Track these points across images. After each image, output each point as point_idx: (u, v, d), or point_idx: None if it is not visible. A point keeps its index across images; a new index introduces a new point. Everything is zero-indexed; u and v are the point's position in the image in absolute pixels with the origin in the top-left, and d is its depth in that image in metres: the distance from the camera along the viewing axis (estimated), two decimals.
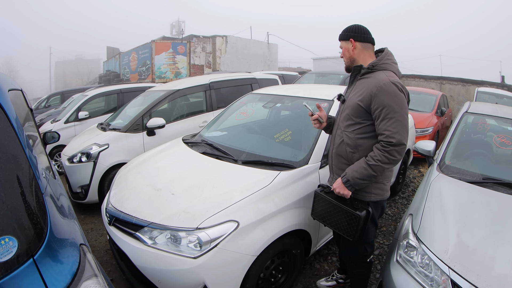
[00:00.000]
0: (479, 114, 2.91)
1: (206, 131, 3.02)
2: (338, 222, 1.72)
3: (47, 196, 1.16)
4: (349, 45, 1.76)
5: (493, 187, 1.99)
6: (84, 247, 1.13)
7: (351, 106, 1.73)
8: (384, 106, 1.58)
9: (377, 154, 1.59)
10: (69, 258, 0.98)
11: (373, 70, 1.69)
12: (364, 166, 1.61)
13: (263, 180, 1.96)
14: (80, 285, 0.91)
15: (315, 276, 2.48)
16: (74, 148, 3.90)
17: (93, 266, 1.06)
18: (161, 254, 1.71)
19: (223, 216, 1.72)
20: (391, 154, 1.57)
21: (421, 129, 5.71)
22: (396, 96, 1.58)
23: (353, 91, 1.77)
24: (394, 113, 1.56)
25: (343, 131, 1.78)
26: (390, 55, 1.75)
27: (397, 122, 1.56)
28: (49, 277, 0.86)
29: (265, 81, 5.36)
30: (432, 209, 1.84)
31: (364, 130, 1.70)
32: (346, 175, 1.66)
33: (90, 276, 0.98)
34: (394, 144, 1.55)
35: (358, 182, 1.63)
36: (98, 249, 3.01)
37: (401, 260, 1.66)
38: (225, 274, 1.68)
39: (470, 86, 11.70)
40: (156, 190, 2.06)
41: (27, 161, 1.11)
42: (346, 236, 1.71)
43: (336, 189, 1.70)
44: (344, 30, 1.79)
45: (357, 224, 1.63)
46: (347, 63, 1.81)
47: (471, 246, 1.54)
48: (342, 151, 1.78)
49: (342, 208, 1.68)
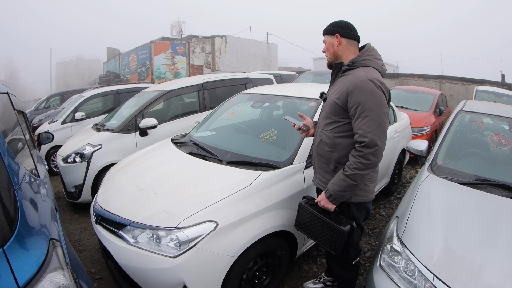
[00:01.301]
0: (474, 112, 2.79)
1: (195, 131, 3.02)
2: (322, 235, 1.68)
3: (20, 192, 1.21)
4: (334, 40, 1.72)
5: (486, 189, 1.90)
6: (54, 242, 1.17)
7: (329, 104, 1.71)
8: (359, 104, 1.53)
9: (352, 162, 1.54)
10: (37, 250, 1.02)
11: (353, 67, 1.65)
12: (342, 177, 1.57)
13: (244, 181, 1.96)
14: (45, 276, 0.95)
15: (303, 278, 2.46)
16: (69, 148, 3.95)
17: (61, 259, 1.09)
18: (142, 252, 1.72)
19: (202, 216, 1.72)
20: (366, 159, 1.51)
21: (418, 128, 5.67)
22: (373, 93, 1.52)
23: (333, 89, 1.75)
24: (369, 111, 1.50)
25: (322, 130, 1.76)
26: (372, 50, 1.70)
27: (372, 121, 1.50)
28: (16, 266, 0.91)
29: (260, 81, 5.36)
30: (419, 211, 1.76)
31: (342, 129, 1.66)
32: (328, 190, 1.63)
33: (56, 269, 1.01)
34: (367, 145, 1.50)
35: (340, 195, 1.59)
36: (90, 248, 3.03)
37: (384, 265, 1.60)
38: (205, 274, 1.68)
39: (470, 85, 11.63)
40: (140, 189, 2.08)
41: (1, 159, 1.15)
42: (329, 250, 1.68)
43: (320, 202, 1.66)
44: (330, 25, 1.74)
45: (341, 238, 1.60)
46: (330, 59, 1.77)
47: (458, 252, 1.46)
48: (321, 150, 1.76)
49: (326, 222, 1.64)
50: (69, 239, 3.22)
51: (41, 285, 0.92)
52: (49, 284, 0.95)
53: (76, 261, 1.47)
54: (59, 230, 1.44)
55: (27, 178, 1.45)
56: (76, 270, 1.26)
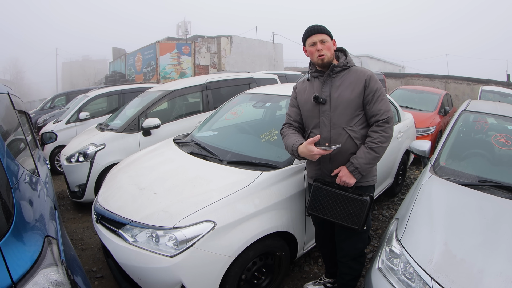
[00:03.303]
0: (478, 112, 2.73)
1: (197, 131, 3.02)
2: (342, 211, 1.74)
3: (18, 191, 1.24)
4: (331, 43, 1.84)
5: (489, 190, 1.85)
6: (50, 239, 1.20)
7: (347, 102, 1.79)
8: (375, 91, 1.78)
9: (376, 137, 1.74)
10: (31, 246, 1.06)
11: (347, 67, 1.83)
12: (367, 151, 1.73)
13: (243, 181, 1.95)
14: (38, 271, 0.98)
15: (304, 279, 2.45)
16: (72, 148, 3.98)
17: (55, 256, 1.12)
18: (140, 251, 1.73)
19: (200, 216, 1.72)
20: (386, 132, 1.74)
21: (423, 128, 5.61)
22: (379, 83, 1.83)
23: (337, 88, 1.80)
24: (383, 95, 1.79)
25: (345, 128, 1.79)
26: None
27: (386, 102, 1.79)
28: (11, 261, 0.94)
29: (264, 80, 5.35)
30: (420, 213, 1.72)
31: (362, 121, 1.83)
32: (353, 163, 1.74)
33: (50, 265, 1.04)
34: (387, 120, 1.75)
35: (365, 167, 1.74)
36: (92, 247, 3.06)
37: (383, 267, 1.57)
38: (202, 274, 1.68)
39: (475, 85, 11.51)
40: (140, 189, 2.08)
41: None
42: (350, 225, 1.73)
43: (342, 178, 1.76)
44: (325, 27, 1.83)
45: (364, 209, 1.70)
46: (330, 58, 1.81)
47: (458, 256, 1.42)
48: (352, 146, 1.80)
49: (348, 197, 1.74)
50: (72, 237, 3.25)
51: (35, 280, 0.95)
52: (43, 279, 0.97)
53: (74, 259, 1.49)
54: (57, 228, 1.47)
55: (26, 178, 1.47)
56: (71, 267, 1.28)
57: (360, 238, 1.90)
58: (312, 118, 1.88)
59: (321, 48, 1.78)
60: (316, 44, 1.79)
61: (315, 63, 1.84)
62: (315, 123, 1.87)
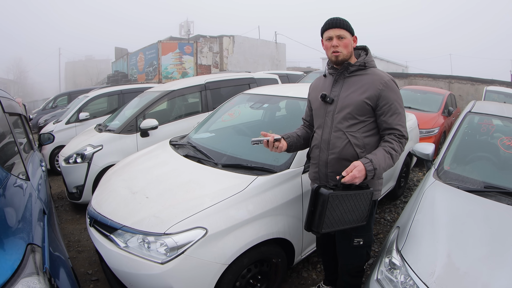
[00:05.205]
0: (483, 114, 2.62)
1: (194, 133, 2.97)
2: (351, 214, 1.54)
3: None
4: (351, 40, 1.67)
5: (495, 197, 1.75)
6: (34, 246, 1.18)
7: (354, 104, 1.63)
8: (392, 102, 1.63)
9: (396, 145, 1.61)
10: (12, 255, 1.04)
11: (365, 68, 1.67)
12: (387, 155, 1.57)
13: (237, 186, 1.89)
14: (19, 281, 0.97)
15: (301, 285, 2.38)
16: (70, 149, 3.96)
17: (38, 264, 1.11)
18: (131, 257, 1.68)
19: (191, 222, 1.66)
20: (403, 145, 1.65)
21: (426, 129, 5.51)
22: (398, 92, 1.68)
23: (348, 89, 1.67)
24: (400, 109, 1.65)
25: (345, 132, 1.66)
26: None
27: (403, 117, 1.66)
28: None
29: (264, 81, 5.28)
30: (422, 222, 1.63)
31: (368, 128, 1.67)
32: (373, 162, 1.51)
33: (31, 274, 1.03)
34: (404, 136, 1.64)
35: (381, 172, 1.56)
36: (89, 249, 3.02)
37: (382, 279, 1.48)
38: (194, 282, 1.63)
39: (479, 85, 11.36)
40: (132, 193, 2.04)
41: None
42: (358, 224, 1.59)
43: (355, 175, 1.47)
44: (347, 21, 1.65)
45: (368, 202, 1.57)
46: (346, 56, 1.65)
47: (462, 269, 1.33)
48: (350, 154, 1.64)
49: (355, 194, 1.52)
50: (69, 239, 3.21)
51: None
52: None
53: (64, 264, 1.46)
54: (45, 233, 1.43)
55: (11, 183, 1.44)
56: (56, 275, 1.26)
57: (357, 254, 1.79)
58: (318, 117, 1.78)
59: (337, 44, 1.62)
60: (332, 39, 1.63)
61: (329, 59, 1.70)
62: (319, 122, 1.77)
